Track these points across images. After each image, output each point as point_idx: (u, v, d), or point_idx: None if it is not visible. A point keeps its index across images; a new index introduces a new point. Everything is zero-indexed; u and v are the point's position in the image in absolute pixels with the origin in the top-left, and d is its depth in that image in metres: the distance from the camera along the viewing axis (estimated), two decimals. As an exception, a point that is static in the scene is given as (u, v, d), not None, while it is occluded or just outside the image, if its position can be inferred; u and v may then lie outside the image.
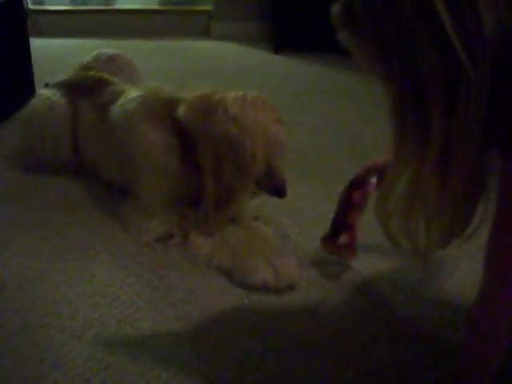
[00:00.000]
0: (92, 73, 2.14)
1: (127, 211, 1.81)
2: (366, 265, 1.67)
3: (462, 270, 1.64)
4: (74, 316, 1.43)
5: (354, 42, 1.00)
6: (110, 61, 2.25)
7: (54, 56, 3.72)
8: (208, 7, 4.48)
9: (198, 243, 1.66)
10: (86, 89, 2.08)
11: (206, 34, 4.49)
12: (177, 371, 1.27)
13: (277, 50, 4.09)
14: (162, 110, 1.76)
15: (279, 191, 1.70)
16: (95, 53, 2.31)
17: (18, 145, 2.31)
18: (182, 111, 1.70)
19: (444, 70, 0.89)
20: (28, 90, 2.78)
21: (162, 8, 4.56)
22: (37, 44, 3.49)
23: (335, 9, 1.00)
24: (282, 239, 1.77)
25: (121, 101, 1.89)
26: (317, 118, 2.88)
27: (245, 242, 1.65)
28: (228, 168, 1.62)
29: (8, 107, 2.61)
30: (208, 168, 1.63)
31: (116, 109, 1.88)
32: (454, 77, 0.89)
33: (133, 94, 1.87)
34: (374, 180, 1.56)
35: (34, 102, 2.16)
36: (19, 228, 1.80)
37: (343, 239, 1.61)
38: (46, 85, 2.65)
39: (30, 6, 4.27)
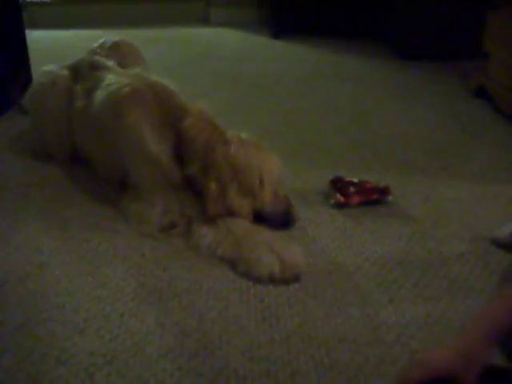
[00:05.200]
0: (86, 56, 2.12)
1: (127, 201, 1.77)
2: (374, 249, 1.65)
3: None
4: (76, 310, 1.40)
5: None
6: (115, 47, 2.22)
7: (51, 48, 3.67)
8: (205, -6, 4.43)
9: (202, 233, 1.62)
10: (81, 73, 2.04)
11: (205, 21, 4.44)
12: (183, 363, 1.24)
13: (276, 35, 4.04)
14: (153, 99, 1.75)
15: (286, 219, 1.71)
16: (101, 40, 2.28)
17: (19, 134, 2.31)
18: (188, 122, 1.68)
19: None
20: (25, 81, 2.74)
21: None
22: (34, 36, 3.45)
23: None
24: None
25: (104, 85, 1.85)
26: (318, 102, 2.84)
27: (249, 232, 1.60)
28: (233, 189, 1.63)
29: (6, 100, 2.56)
30: (210, 187, 1.63)
31: (99, 95, 1.84)
32: None
33: (116, 79, 1.84)
34: None
35: (38, 78, 2.20)
36: (21, 221, 1.77)
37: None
38: None
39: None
